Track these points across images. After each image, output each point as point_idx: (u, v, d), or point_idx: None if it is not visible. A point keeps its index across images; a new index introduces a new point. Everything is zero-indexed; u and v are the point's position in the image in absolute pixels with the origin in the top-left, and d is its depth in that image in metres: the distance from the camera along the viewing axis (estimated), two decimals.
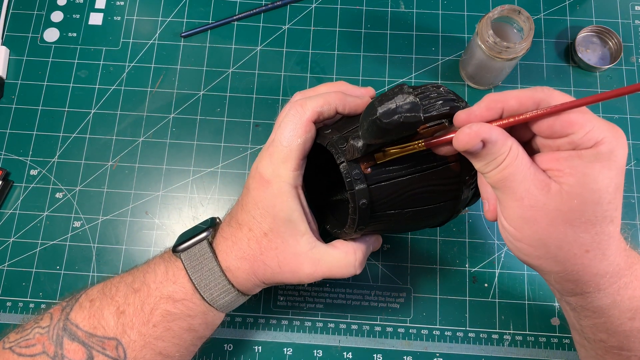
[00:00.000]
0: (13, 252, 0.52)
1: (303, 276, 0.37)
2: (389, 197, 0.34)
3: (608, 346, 0.32)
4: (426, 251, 0.51)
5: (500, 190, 0.29)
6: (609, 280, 0.29)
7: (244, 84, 0.57)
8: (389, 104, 0.29)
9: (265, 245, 0.36)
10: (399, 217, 0.36)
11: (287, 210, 0.35)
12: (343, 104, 0.36)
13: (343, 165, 0.34)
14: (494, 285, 0.50)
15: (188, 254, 0.37)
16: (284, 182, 0.35)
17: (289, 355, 0.49)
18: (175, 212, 0.53)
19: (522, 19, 0.48)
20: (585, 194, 0.27)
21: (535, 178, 0.28)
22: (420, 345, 0.49)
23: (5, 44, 0.58)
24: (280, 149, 0.35)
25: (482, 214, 0.52)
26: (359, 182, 0.34)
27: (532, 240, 0.29)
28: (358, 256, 0.38)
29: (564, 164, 0.28)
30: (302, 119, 0.35)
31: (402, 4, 0.59)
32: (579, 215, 0.28)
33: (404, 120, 0.29)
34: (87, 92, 0.56)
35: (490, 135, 0.28)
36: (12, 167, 0.54)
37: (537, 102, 0.28)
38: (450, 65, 0.57)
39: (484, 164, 0.29)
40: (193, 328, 0.38)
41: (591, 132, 0.27)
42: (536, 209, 0.28)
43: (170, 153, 0.55)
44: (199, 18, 0.59)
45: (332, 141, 0.34)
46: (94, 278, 0.51)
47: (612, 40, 0.55)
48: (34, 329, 0.37)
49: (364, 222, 0.35)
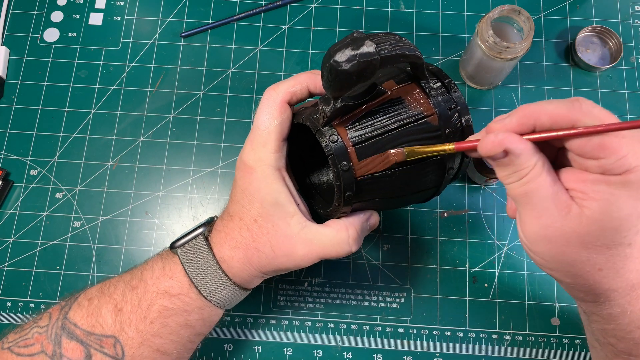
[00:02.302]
0: (13, 252, 0.52)
1: (298, 258, 0.37)
2: (371, 157, 0.34)
3: (617, 350, 0.32)
4: (426, 251, 0.51)
5: (521, 204, 0.29)
6: (620, 294, 0.29)
7: (244, 84, 0.57)
8: (344, 48, 0.29)
9: (256, 231, 0.37)
10: (385, 182, 0.35)
11: (273, 193, 0.36)
12: (314, 82, 0.36)
13: (318, 131, 0.33)
14: (494, 285, 0.50)
15: (184, 249, 0.38)
16: (266, 165, 0.36)
17: (289, 355, 0.49)
18: (175, 212, 0.53)
19: (522, 19, 0.48)
20: (605, 221, 0.27)
21: (556, 198, 0.28)
22: (420, 345, 0.49)
23: (5, 44, 0.58)
24: (258, 133, 0.36)
25: (481, 214, 0.52)
26: (337, 145, 0.33)
27: (546, 256, 0.29)
28: (351, 232, 0.37)
29: (589, 187, 0.27)
30: (275, 101, 0.36)
31: (402, 4, 0.59)
32: (595, 240, 0.27)
33: (360, 60, 0.29)
34: (87, 92, 0.56)
35: (515, 147, 0.27)
36: (12, 167, 0.54)
37: (573, 121, 0.27)
38: (450, 65, 0.57)
39: (506, 175, 0.29)
40: (190, 324, 0.37)
41: (624, 159, 0.26)
42: (553, 229, 0.28)
43: (170, 153, 0.55)
44: (199, 18, 0.59)
45: (306, 115, 0.35)
46: (94, 278, 0.51)
47: (612, 40, 0.55)
48: (32, 328, 0.37)
49: (350, 188, 0.34)
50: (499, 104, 0.55)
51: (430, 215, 0.52)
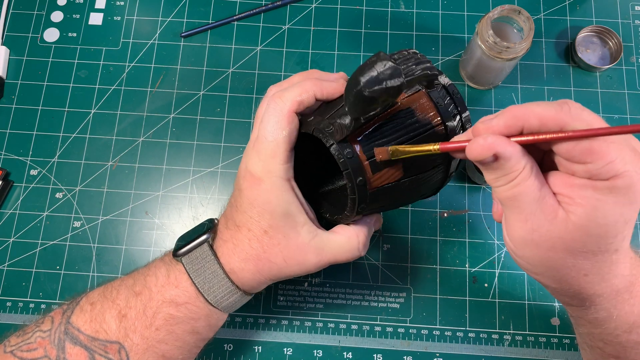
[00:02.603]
0: (13, 252, 0.52)
1: (310, 266, 0.37)
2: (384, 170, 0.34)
3: (606, 354, 0.32)
4: (426, 251, 0.51)
5: (507, 207, 0.29)
6: (605, 299, 0.29)
7: (244, 84, 0.57)
8: (371, 73, 0.29)
9: (267, 242, 0.36)
10: (396, 190, 0.36)
11: (284, 204, 0.35)
12: (320, 89, 0.36)
13: (334, 147, 0.33)
14: (494, 285, 0.50)
15: (189, 258, 0.37)
16: (276, 176, 0.35)
17: (289, 355, 0.49)
18: (175, 212, 0.53)
19: (522, 19, 0.48)
20: (591, 227, 0.26)
21: (543, 202, 0.27)
22: (420, 345, 0.49)
23: (5, 44, 0.58)
24: (266, 144, 0.35)
25: (481, 214, 0.52)
26: (353, 160, 0.33)
27: (531, 260, 0.29)
28: (361, 239, 0.38)
29: (576, 192, 0.27)
30: (283, 111, 0.35)
31: (402, 4, 0.59)
32: (580, 246, 0.27)
33: (388, 86, 0.29)
34: (87, 92, 0.56)
35: (505, 151, 0.27)
36: (12, 167, 0.54)
37: (561, 124, 0.26)
38: (450, 65, 0.57)
39: (494, 178, 0.28)
40: (196, 330, 0.37)
41: (612, 164, 0.25)
42: (539, 233, 0.28)
43: (170, 153, 0.55)
44: (199, 18, 0.59)
45: (318, 126, 0.34)
46: (94, 278, 0.51)
47: (612, 40, 0.55)
48: (35, 332, 0.37)
49: (364, 201, 0.35)
50: (499, 104, 0.55)
51: (430, 215, 0.52)
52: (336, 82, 0.36)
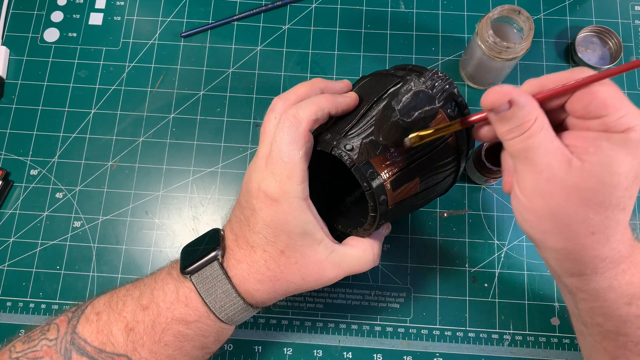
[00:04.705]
0: (13, 252, 0.52)
1: (327, 280, 0.37)
2: (403, 186, 0.35)
3: (605, 330, 0.31)
4: (426, 251, 0.51)
5: (520, 160, 0.29)
6: (607, 265, 0.29)
7: (244, 84, 0.57)
8: (406, 102, 0.29)
9: (284, 262, 0.36)
10: (411, 202, 0.37)
11: (302, 224, 0.35)
12: (335, 106, 0.35)
13: (355, 168, 0.33)
14: (494, 285, 0.50)
15: (199, 277, 0.36)
16: (293, 197, 0.34)
17: (289, 355, 0.49)
18: (175, 212, 0.53)
19: (522, 19, 0.48)
20: (605, 176, 0.27)
21: (557, 152, 0.28)
22: (420, 345, 0.49)
23: (5, 44, 0.58)
24: (282, 165, 0.34)
25: (481, 214, 0.52)
26: (375, 180, 0.34)
27: (542, 214, 0.29)
28: (375, 250, 0.39)
29: (590, 142, 0.28)
30: (298, 131, 0.33)
31: (402, 4, 0.59)
32: (593, 195, 0.28)
33: (424, 115, 0.30)
34: (87, 92, 0.56)
35: (519, 98, 0.28)
36: (12, 167, 0.54)
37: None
38: (450, 65, 0.57)
39: (508, 129, 0.29)
40: (206, 346, 0.37)
41: (624, 118, 0.27)
42: (553, 183, 0.28)
43: (170, 153, 0.55)
44: (199, 18, 0.59)
45: (334, 145, 0.34)
46: (94, 278, 0.51)
47: (612, 40, 0.55)
48: (40, 340, 0.36)
49: (385, 217, 0.35)
50: None
51: (430, 215, 0.52)
52: (349, 97, 0.36)
